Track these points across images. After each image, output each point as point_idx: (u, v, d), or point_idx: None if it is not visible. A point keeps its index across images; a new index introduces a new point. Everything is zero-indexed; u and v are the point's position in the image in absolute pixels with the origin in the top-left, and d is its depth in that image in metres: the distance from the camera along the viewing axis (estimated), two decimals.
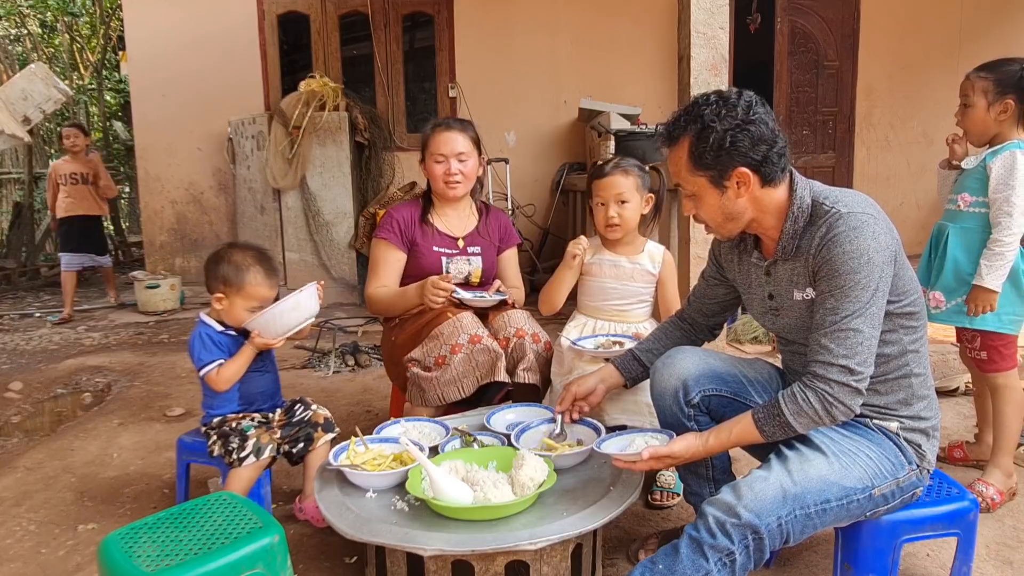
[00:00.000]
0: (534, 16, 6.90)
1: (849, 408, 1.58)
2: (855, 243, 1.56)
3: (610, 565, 2.03)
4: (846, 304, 1.56)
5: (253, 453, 2.05)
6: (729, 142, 1.61)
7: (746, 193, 1.67)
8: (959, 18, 7.15)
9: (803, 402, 1.58)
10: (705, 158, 1.65)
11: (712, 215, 1.74)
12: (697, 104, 1.67)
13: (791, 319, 1.76)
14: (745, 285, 1.91)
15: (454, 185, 2.60)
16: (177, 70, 6.66)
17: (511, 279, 2.77)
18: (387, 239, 2.63)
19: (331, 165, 5.81)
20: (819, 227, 1.63)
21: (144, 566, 1.46)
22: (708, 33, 3.28)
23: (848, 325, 1.55)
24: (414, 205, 2.73)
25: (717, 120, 1.62)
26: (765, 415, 1.63)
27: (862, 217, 1.59)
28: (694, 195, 1.73)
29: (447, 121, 2.65)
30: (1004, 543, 2.12)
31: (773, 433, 1.63)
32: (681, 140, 1.69)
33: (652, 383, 1.93)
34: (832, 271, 1.58)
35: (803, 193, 1.68)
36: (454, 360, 2.29)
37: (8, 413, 3.53)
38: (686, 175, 1.70)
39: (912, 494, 1.70)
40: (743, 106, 1.63)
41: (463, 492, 1.72)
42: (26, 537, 2.28)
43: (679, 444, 1.71)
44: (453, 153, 2.57)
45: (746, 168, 1.64)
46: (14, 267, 7.71)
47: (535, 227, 6.74)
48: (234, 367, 2.12)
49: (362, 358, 4.16)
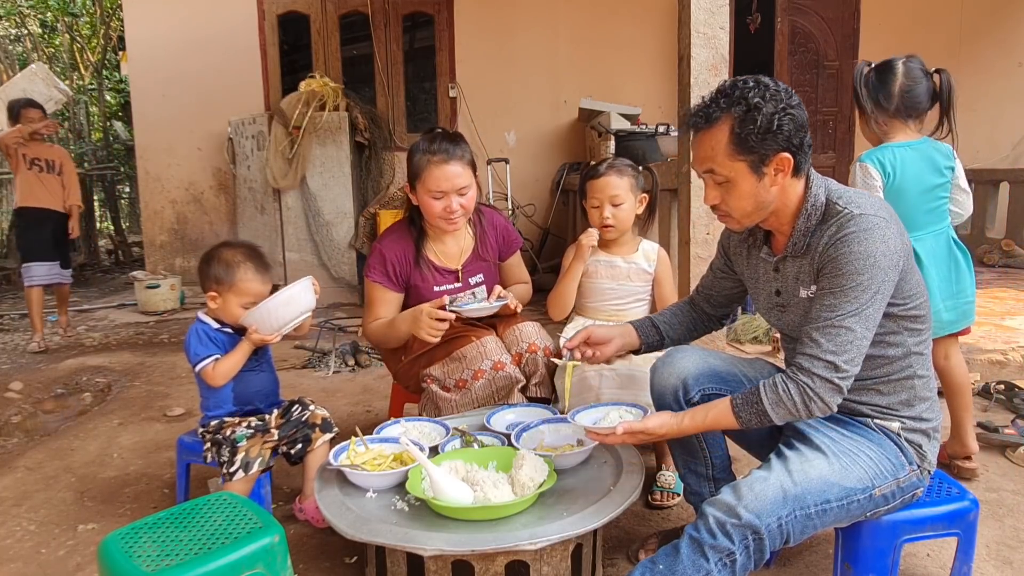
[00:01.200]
0: (534, 16, 6.90)
1: (827, 404, 1.56)
2: (863, 245, 1.55)
3: (610, 565, 2.03)
4: (844, 303, 1.55)
5: (241, 468, 2.06)
6: (776, 125, 1.57)
7: (782, 180, 1.63)
8: (959, 18, 7.15)
9: (783, 392, 1.57)
10: (749, 141, 1.58)
11: (743, 203, 1.66)
12: (736, 86, 1.61)
13: (796, 316, 1.76)
14: (753, 280, 1.90)
15: (455, 221, 2.36)
16: (177, 70, 6.66)
17: (516, 277, 2.70)
18: (380, 283, 2.44)
19: (331, 165, 5.81)
20: (830, 226, 1.62)
21: (144, 566, 1.46)
22: (708, 33, 3.27)
23: (842, 323, 1.54)
24: (404, 237, 2.48)
25: (763, 102, 1.57)
26: (743, 401, 1.62)
27: (874, 220, 1.58)
28: (727, 181, 1.64)
29: (444, 147, 2.30)
30: (1004, 543, 2.12)
31: (749, 420, 1.61)
32: (720, 122, 1.60)
33: (652, 382, 1.93)
34: (836, 270, 1.57)
35: (818, 191, 1.67)
36: (475, 386, 2.28)
37: (8, 413, 3.53)
38: (723, 159, 1.62)
39: (912, 494, 1.69)
40: (784, 90, 1.60)
41: (463, 492, 1.72)
42: (26, 537, 2.28)
43: (654, 420, 1.70)
44: (454, 189, 2.30)
45: (787, 153, 1.60)
46: (14, 267, 7.71)
47: (535, 227, 6.74)
48: (231, 362, 2.11)
49: (362, 358, 4.16)
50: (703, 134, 1.64)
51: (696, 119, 1.65)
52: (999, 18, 7.17)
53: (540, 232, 6.70)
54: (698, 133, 1.66)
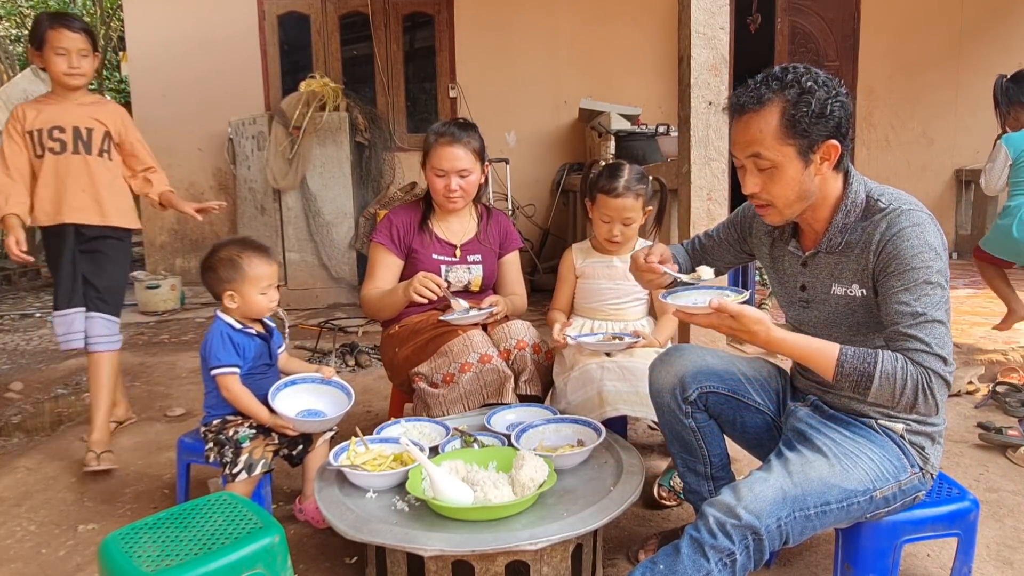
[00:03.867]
0: (534, 16, 6.90)
1: (938, 401, 1.50)
2: (922, 238, 1.55)
3: (610, 565, 2.03)
4: (924, 297, 1.52)
5: (245, 469, 2.06)
6: (829, 110, 1.56)
7: (827, 170, 1.61)
8: (959, 18, 7.15)
9: (901, 370, 1.48)
10: (801, 123, 1.55)
11: (787, 190, 1.61)
12: (787, 70, 1.59)
13: (822, 313, 1.74)
14: (775, 272, 1.87)
15: (454, 200, 2.55)
16: (177, 70, 6.66)
17: (512, 284, 2.75)
18: (383, 244, 2.60)
19: (331, 165, 5.81)
20: (877, 224, 1.60)
21: (144, 566, 1.46)
22: (708, 33, 3.27)
23: (933, 317, 1.51)
24: (414, 209, 2.68)
25: (816, 87, 1.55)
26: (855, 355, 1.52)
27: (922, 215, 1.59)
28: (773, 166, 1.59)
29: (451, 130, 2.53)
30: (1004, 543, 2.12)
31: (847, 377, 1.51)
32: (771, 104, 1.56)
33: (650, 380, 1.93)
34: (904, 265, 1.54)
35: (858, 187, 1.66)
36: (463, 379, 2.29)
37: (8, 413, 3.53)
38: (772, 143, 1.57)
39: (914, 497, 1.69)
40: (834, 79, 1.59)
41: (463, 492, 1.72)
42: (26, 537, 2.28)
43: (752, 313, 1.55)
44: (454, 170, 2.50)
45: (836, 141, 1.58)
46: (14, 267, 7.71)
47: (535, 227, 6.74)
48: (243, 401, 2.09)
49: (362, 358, 4.16)
50: (751, 115, 1.59)
51: (747, 99, 1.59)
52: (999, 18, 7.17)
53: (540, 232, 6.70)
54: (744, 115, 1.60)
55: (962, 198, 7.31)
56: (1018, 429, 2.80)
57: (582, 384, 2.32)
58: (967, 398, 3.34)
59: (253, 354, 2.15)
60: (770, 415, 1.90)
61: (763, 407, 1.90)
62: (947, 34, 7.15)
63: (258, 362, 2.17)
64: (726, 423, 1.92)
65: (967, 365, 3.53)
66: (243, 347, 2.13)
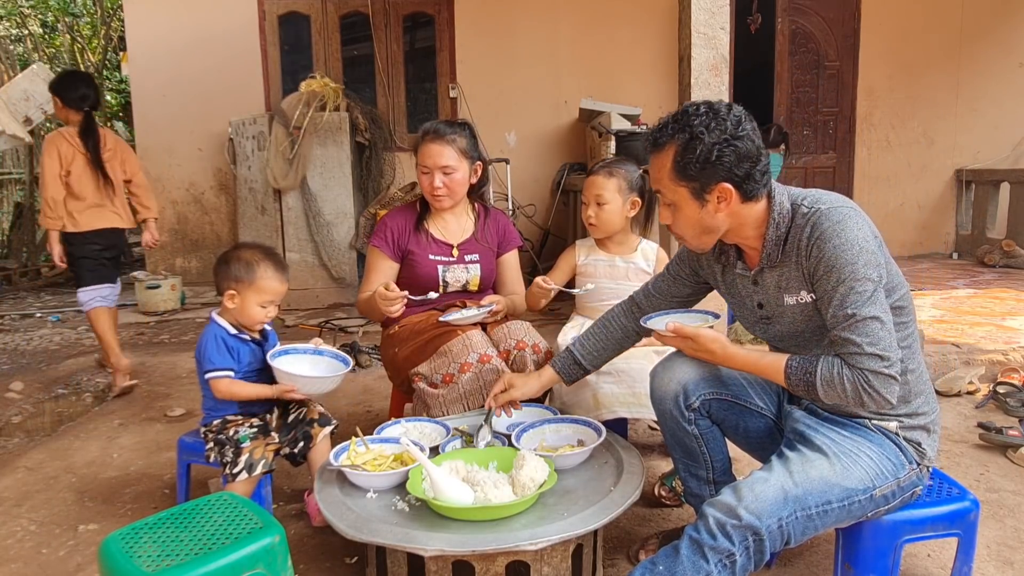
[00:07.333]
0: (534, 16, 6.90)
1: (885, 397, 1.54)
2: (843, 235, 1.56)
3: (610, 566, 2.03)
4: (853, 296, 1.54)
5: (245, 469, 2.06)
6: (716, 156, 1.59)
7: (725, 208, 1.65)
8: (959, 18, 7.15)
9: (838, 375, 1.56)
10: (689, 169, 1.62)
11: (688, 227, 1.71)
12: (687, 113, 1.64)
13: (784, 326, 1.76)
14: (732, 296, 1.90)
15: (439, 198, 2.53)
16: (178, 70, 6.66)
17: (512, 283, 2.74)
18: (378, 247, 2.59)
19: (332, 165, 5.81)
20: (803, 228, 1.63)
21: (145, 566, 1.46)
22: (709, 33, 3.27)
23: (864, 315, 1.53)
24: (410, 210, 2.66)
25: (706, 132, 1.59)
26: (798, 365, 1.62)
27: (842, 211, 1.60)
28: (673, 204, 1.70)
29: (437, 128, 2.52)
30: (1005, 543, 2.12)
31: (797, 386, 1.63)
32: (667, 147, 1.66)
33: (652, 388, 1.92)
34: (830, 267, 1.57)
35: (782, 199, 1.68)
36: (462, 379, 2.29)
37: (9, 413, 3.53)
38: (667, 183, 1.68)
39: (912, 493, 1.69)
40: (732, 120, 1.61)
41: (464, 492, 1.72)
42: (27, 537, 2.28)
43: (708, 333, 1.72)
44: (437, 166, 2.48)
45: (729, 184, 1.62)
46: (15, 267, 7.71)
47: (535, 227, 6.74)
48: (245, 392, 2.12)
49: (362, 358, 4.16)
50: (654, 155, 1.70)
51: (652, 139, 1.71)
52: (999, 18, 7.16)
53: (540, 232, 6.70)
54: (651, 153, 1.72)
55: (962, 198, 7.31)
56: (1018, 429, 2.80)
57: (577, 386, 2.32)
58: (967, 398, 3.34)
59: (246, 359, 2.16)
60: (772, 418, 1.91)
61: (765, 411, 1.90)
62: (947, 34, 7.15)
63: (251, 367, 2.17)
64: (729, 428, 1.92)
65: (967, 365, 3.54)
66: (237, 351, 2.14)
